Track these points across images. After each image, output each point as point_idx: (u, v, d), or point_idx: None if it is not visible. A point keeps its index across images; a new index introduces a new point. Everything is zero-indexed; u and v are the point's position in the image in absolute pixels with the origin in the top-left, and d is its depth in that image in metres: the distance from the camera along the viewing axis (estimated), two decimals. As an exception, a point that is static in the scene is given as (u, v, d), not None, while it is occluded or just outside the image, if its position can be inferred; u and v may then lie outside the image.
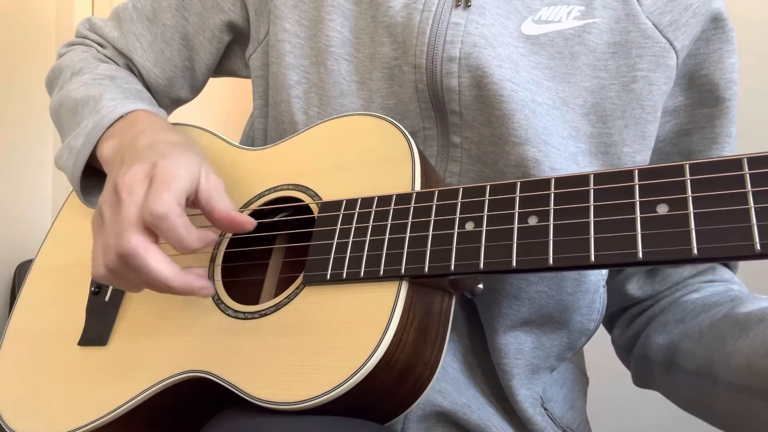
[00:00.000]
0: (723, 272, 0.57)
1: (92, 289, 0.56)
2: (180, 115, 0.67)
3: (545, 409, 0.54)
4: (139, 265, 0.42)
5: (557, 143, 0.49)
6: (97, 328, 0.53)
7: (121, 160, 0.47)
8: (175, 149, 0.46)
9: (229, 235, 0.52)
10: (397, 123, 0.48)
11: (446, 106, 0.51)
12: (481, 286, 0.45)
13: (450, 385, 0.51)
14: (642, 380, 0.58)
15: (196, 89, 0.67)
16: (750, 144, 0.45)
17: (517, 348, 0.51)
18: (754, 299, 0.51)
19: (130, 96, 0.58)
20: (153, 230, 0.42)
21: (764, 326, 0.43)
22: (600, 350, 0.63)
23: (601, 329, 0.56)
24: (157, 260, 0.42)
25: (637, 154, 0.51)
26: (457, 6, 0.51)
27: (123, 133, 0.51)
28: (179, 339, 0.48)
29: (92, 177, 0.56)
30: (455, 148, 0.52)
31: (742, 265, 0.58)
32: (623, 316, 0.60)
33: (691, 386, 0.49)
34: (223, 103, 1.42)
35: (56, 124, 0.62)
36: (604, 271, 0.52)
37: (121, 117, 0.53)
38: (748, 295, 0.54)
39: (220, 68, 0.66)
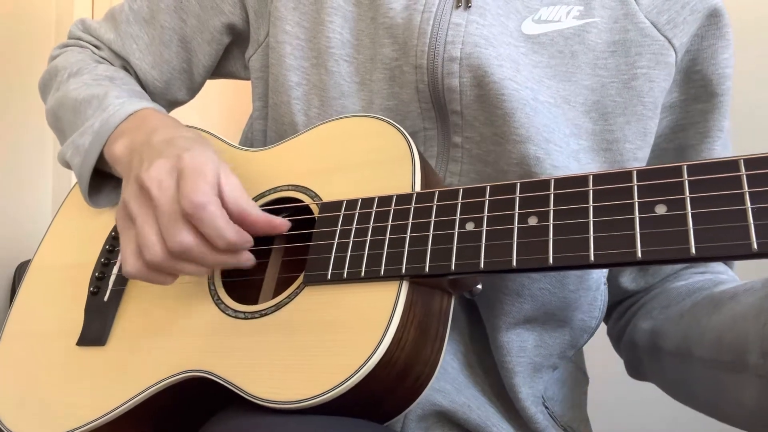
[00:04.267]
0: (716, 266, 0.57)
1: (91, 289, 0.56)
2: (179, 116, 0.67)
3: (546, 407, 0.54)
4: (196, 255, 0.43)
5: (559, 141, 0.49)
6: (96, 328, 0.53)
7: (140, 157, 0.47)
8: (195, 144, 0.47)
9: None
10: (397, 124, 0.48)
11: (447, 106, 0.51)
12: (479, 286, 0.45)
13: (450, 384, 0.51)
14: (633, 368, 0.59)
15: (193, 91, 0.67)
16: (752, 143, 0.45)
17: (520, 346, 0.52)
18: (735, 282, 0.52)
19: (134, 95, 0.58)
20: (191, 220, 0.43)
21: (735, 301, 0.44)
22: (600, 350, 0.63)
23: (602, 330, 0.56)
24: (211, 251, 0.44)
25: (639, 151, 0.52)
26: (458, 7, 0.51)
27: (134, 131, 0.51)
28: (179, 339, 0.48)
29: (96, 177, 0.56)
30: (456, 148, 0.52)
31: (744, 267, 0.58)
32: (618, 308, 0.61)
33: (672, 368, 0.50)
34: (222, 105, 1.42)
35: (54, 126, 0.62)
36: (605, 270, 0.53)
37: (130, 115, 0.53)
38: (733, 279, 0.54)
39: (219, 70, 0.66)
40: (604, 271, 0.52)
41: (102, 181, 0.57)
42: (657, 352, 0.51)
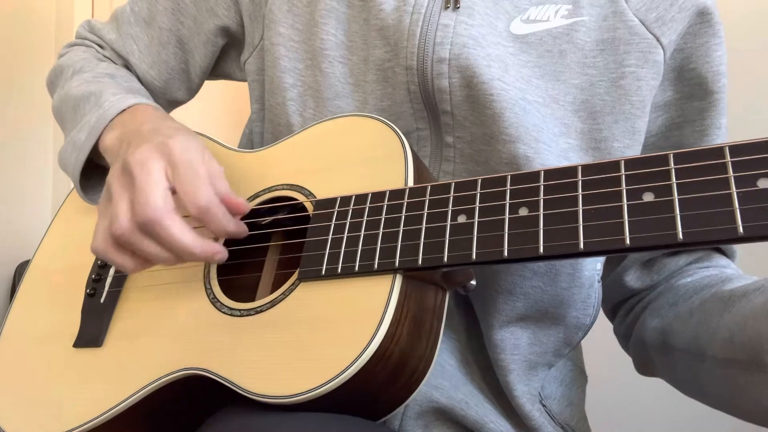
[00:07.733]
0: (719, 259, 0.57)
1: (87, 290, 0.56)
2: (180, 117, 0.67)
3: (543, 405, 0.54)
4: (160, 232, 0.44)
5: (548, 140, 0.50)
6: (93, 329, 0.53)
7: (128, 144, 0.48)
8: (178, 132, 0.48)
9: None
10: (390, 123, 0.49)
11: (438, 107, 0.52)
12: (473, 282, 0.45)
13: (447, 381, 0.51)
14: (642, 366, 0.59)
15: (192, 91, 0.68)
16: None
17: (514, 344, 0.52)
18: (743, 278, 0.52)
19: (131, 92, 0.59)
20: (197, 221, 0.45)
21: (746, 300, 0.44)
22: (600, 350, 0.63)
23: (600, 329, 0.56)
24: (180, 229, 0.44)
25: (628, 149, 0.52)
26: (447, 8, 0.51)
27: (126, 124, 0.53)
28: (175, 338, 0.48)
29: (94, 177, 0.57)
30: (448, 147, 0.53)
31: (745, 255, 0.58)
32: (624, 306, 0.61)
33: (683, 366, 0.50)
34: (223, 106, 1.43)
35: (59, 122, 0.63)
36: (599, 266, 0.53)
37: (124, 110, 0.54)
38: (740, 275, 0.54)
39: (216, 71, 0.67)
40: (598, 269, 0.52)
41: (101, 178, 0.58)
42: (667, 349, 0.51)
